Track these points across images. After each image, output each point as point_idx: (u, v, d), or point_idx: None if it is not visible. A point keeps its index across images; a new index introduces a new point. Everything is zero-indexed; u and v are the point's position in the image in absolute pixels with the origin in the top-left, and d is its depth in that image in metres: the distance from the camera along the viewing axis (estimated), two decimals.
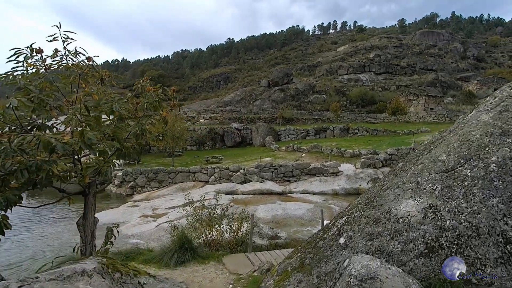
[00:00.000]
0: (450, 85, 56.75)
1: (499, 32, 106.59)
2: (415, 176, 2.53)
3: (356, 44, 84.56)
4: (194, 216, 6.02)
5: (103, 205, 14.89)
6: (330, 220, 10.52)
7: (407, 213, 2.18)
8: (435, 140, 3.25)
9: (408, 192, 2.37)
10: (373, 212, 2.37)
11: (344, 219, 2.64)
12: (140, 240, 9.52)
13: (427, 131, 25.79)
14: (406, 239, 2.00)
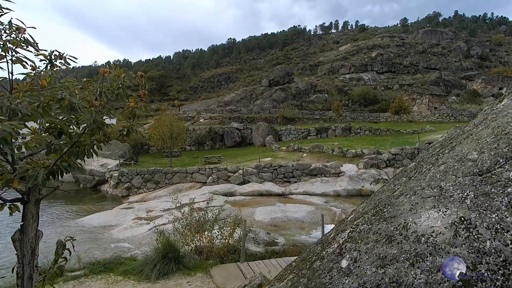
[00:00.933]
0: (454, 84, 55.94)
1: (503, 31, 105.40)
2: (436, 180, 1.98)
3: (358, 43, 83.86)
4: (182, 221, 5.51)
5: (97, 207, 14.46)
6: (331, 223, 9.91)
7: (431, 229, 1.64)
8: (456, 135, 2.70)
9: (430, 200, 1.83)
10: (384, 226, 1.84)
11: (347, 233, 2.10)
12: (130, 245, 9.04)
13: (432, 130, 25.14)
14: (432, 266, 1.46)
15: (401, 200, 2.08)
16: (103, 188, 18.54)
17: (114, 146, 21.32)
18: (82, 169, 19.50)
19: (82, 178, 19.49)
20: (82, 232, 10.03)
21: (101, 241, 9.26)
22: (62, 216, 12.95)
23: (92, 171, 19.09)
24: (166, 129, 19.96)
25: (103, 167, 19.02)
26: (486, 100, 45.76)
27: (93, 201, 16.42)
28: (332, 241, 2.31)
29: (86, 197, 17.45)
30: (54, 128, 2.15)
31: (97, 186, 19.03)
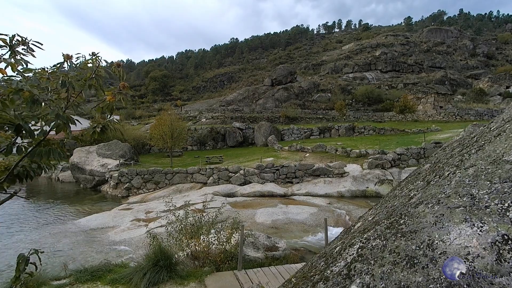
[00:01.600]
0: (459, 83, 55.03)
1: (509, 29, 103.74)
2: (465, 186, 1.63)
3: (361, 42, 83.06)
4: (177, 225, 5.20)
5: (96, 208, 14.25)
6: (335, 225, 9.51)
7: (465, 250, 1.29)
8: (481, 133, 2.34)
9: (459, 212, 1.49)
10: (403, 244, 1.50)
11: (357, 249, 1.76)
12: (128, 247, 8.77)
13: (438, 129, 24.59)
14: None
15: (422, 210, 1.74)
16: (103, 188, 18.34)
17: (115, 146, 21.14)
18: (83, 169, 19.33)
19: (82, 178, 19.32)
20: (79, 234, 9.79)
21: (97, 243, 9.00)
22: (60, 217, 12.74)
23: (92, 171, 18.92)
24: (166, 129, 19.72)
25: (104, 167, 18.84)
26: (493, 99, 44.91)
27: (93, 201, 16.21)
28: (338, 257, 1.97)
29: (86, 198, 17.25)
30: (9, 124, 1.84)
31: (97, 187, 18.84)
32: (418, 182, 2.46)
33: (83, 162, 19.52)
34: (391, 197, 2.78)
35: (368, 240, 1.85)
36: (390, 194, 3.03)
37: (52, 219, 12.14)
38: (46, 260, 7.63)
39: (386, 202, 2.71)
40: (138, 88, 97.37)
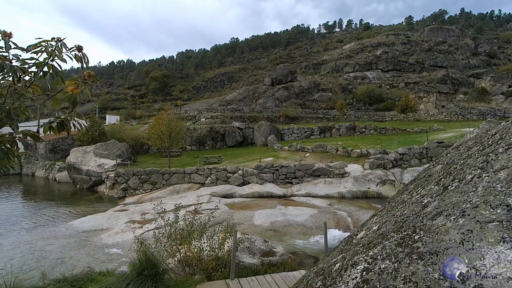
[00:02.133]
0: (461, 82, 54.57)
1: (510, 28, 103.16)
2: (497, 194, 1.30)
3: (362, 42, 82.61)
4: (167, 229, 4.87)
5: (90, 209, 13.94)
6: (336, 227, 9.17)
7: (510, 284, 0.94)
8: (505, 128, 2.01)
9: (493, 228, 1.16)
10: (421, 270, 1.17)
11: (361, 272, 1.44)
12: (120, 251, 8.46)
13: (440, 129, 24.21)
14: None
15: (442, 223, 1.40)
16: (99, 189, 18.05)
17: (112, 145, 20.85)
18: (79, 170, 19.04)
19: (79, 178, 19.03)
20: (71, 237, 9.48)
21: (89, 246, 8.69)
22: (53, 218, 12.44)
23: (88, 171, 18.62)
24: (164, 128, 19.41)
25: (100, 167, 18.54)
26: (495, 98, 44.45)
27: (89, 202, 15.92)
28: (337, 279, 1.63)
29: (82, 199, 16.97)
30: None
31: (94, 187, 18.55)
32: (431, 186, 2.12)
33: (80, 162, 19.23)
34: (399, 203, 2.44)
35: (375, 260, 1.51)
36: (397, 199, 2.69)
37: (45, 220, 11.83)
38: (34, 264, 7.33)
39: (393, 208, 2.37)
40: (138, 88, 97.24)
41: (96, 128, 25.23)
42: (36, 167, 26.30)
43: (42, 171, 24.99)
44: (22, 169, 28.02)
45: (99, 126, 25.82)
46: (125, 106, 76.66)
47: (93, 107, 74.00)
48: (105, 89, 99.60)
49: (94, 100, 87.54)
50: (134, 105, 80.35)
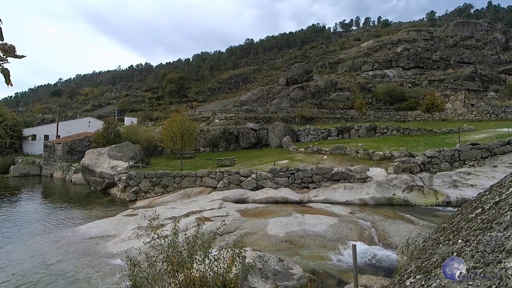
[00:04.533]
0: (491, 79, 50.77)
1: None
2: None
3: (381, 39, 79.54)
4: (158, 249, 4.14)
5: (102, 213, 13.67)
6: (358, 239, 8.16)
7: None
8: None
9: None
10: None
11: None
12: (123, 262, 7.89)
13: (472, 129, 22.21)
14: None
15: None
16: (112, 191, 17.90)
17: (126, 147, 20.75)
18: (93, 171, 19.03)
19: (92, 180, 19.02)
20: (75, 244, 9.08)
21: (92, 255, 8.20)
22: (64, 222, 12.22)
23: (102, 173, 18.55)
24: (176, 130, 19.01)
25: (113, 170, 18.41)
26: None
27: (101, 205, 15.74)
28: None
29: (95, 201, 16.85)
30: None
31: (107, 189, 18.45)
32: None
33: (94, 164, 19.22)
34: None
35: None
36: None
37: (53, 224, 11.61)
38: (30, 277, 6.87)
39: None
40: (156, 90, 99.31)
41: (111, 129, 25.38)
42: (54, 169, 26.89)
43: (60, 172, 25.47)
44: (41, 170, 28.81)
45: (114, 127, 25.98)
46: (143, 108, 78.42)
47: (112, 109, 76.28)
48: (124, 91, 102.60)
49: (113, 102, 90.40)
50: (151, 107, 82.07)
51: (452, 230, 2.49)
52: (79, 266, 7.50)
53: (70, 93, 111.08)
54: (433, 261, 2.02)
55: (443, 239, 2.47)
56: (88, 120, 44.01)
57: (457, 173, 14.12)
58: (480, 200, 2.96)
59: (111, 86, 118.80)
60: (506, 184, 2.71)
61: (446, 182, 13.60)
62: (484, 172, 13.86)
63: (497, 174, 13.39)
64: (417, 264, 2.38)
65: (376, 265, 7.23)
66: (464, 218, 2.60)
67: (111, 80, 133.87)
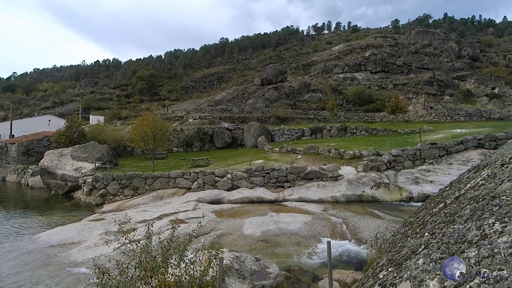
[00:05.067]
0: (446, 84, 55.68)
1: (490, 33, 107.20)
2: None
3: (351, 43, 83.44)
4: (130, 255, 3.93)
5: (64, 219, 12.66)
6: (331, 236, 8.46)
7: None
8: None
9: None
10: None
11: None
12: (89, 270, 7.37)
13: (430, 130, 24.15)
14: None
15: None
16: (76, 195, 16.68)
17: (92, 148, 19.44)
18: (54, 174, 17.57)
19: (53, 183, 17.56)
20: (35, 253, 8.31)
21: (54, 265, 7.57)
22: (20, 229, 11.13)
23: (64, 176, 17.20)
24: (148, 129, 18.22)
25: (77, 171, 17.16)
26: (480, 99, 45.47)
27: (63, 210, 14.58)
28: None
29: (57, 206, 15.58)
30: None
31: (70, 193, 17.14)
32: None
33: (55, 166, 17.76)
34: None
35: None
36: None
37: (8, 232, 10.52)
38: None
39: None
40: (125, 87, 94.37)
41: (75, 129, 23.63)
42: (8, 171, 24.38)
43: (14, 175, 23.15)
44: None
45: (79, 126, 24.23)
46: (111, 106, 74.03)
47: (76, 106, 71.01)
48: (90, 88, 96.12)
49: (77, 100, 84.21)
50: (120, 105, 77.77)
51: (418, 224, 2.64)
52: (38, 277, 6.88)
53: (26, 88, 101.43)
54: (403, 254, 2.13)
55: (411, 233, 2.60)
56: (48, 119, 40.54)
57: (419, 170, 15.25)
58: (442, 195, 3.17)
59: (74, 82, 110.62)
60: (464, 180, 2.92)
61: (409, 179, 14.62)
62: (441, 169, 15.12)
63: (452, 171, 14.69)
64: (388, 257, 2.48)
65: (347, 260, 7.55)
66: (428, 213, 2.76)
67: (74, 76, 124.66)
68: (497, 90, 47.41)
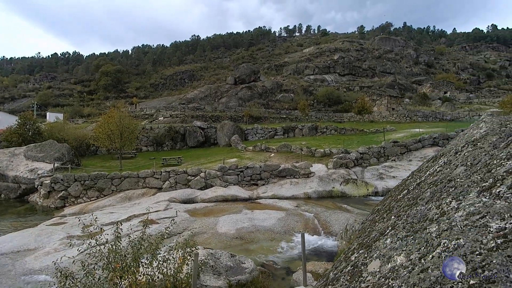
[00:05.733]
0: (406, 87, 60.26)
1: (442, 43, 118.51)
2: None
3: (321, 46, 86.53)
4: (97, 256, 3.70)
5: (18, 224, 11.48)
6: (305, 230, 8.71)
7: None
8: None
9: None
10: None
11: None
12: (49, 277, 6.78)
13: (393, 129, 25.96)
14: None
15: None
16: (31, 198, 15.20)
17: (49, 147, 17.85)
18: (4, 176, 15.83)
19: (3, 186, 15.81)
20: None
21: (6, 275, 6.83)
22: None
23: (17, 177, 15.58)
24: (114, 127, 17.20)
25: (33, 173, 15.65)
26: (434, 102, 49.96)
27: (16, 215, 13.21)
28: None
29: (8, 211, 14.06)
30: None
31: (24, 196, 15.58)
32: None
33: (5, 167, 16.01)
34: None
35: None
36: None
37: None
38: None
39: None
40: (87, 83, 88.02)
41: (30, 126, 21.51)
42: None
43: None
44: None
45: (34, 124, 22.09)
46: (71, 103, 68.55)
47: (30, 103, 64.54)
48: (46, 83, 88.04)
49: (31, 95, 76.65)
50: (81, 102, 72.32)
51: (385, 210, 2.82)
52: None
53: None
54: (372, 237, 2.28)
55: (379, 218, 2.77)
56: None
57: (383, 167, 16.32)
58: (405, 183, 3.42)
59: (27, 76, 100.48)
60: (423, 169, 3.18)
61: (374, 175, 15.59)
62: (402, 165, 16.34)
63: (411, 167, 15.95)
64: (358, 241, 2.62)
65: (319, 252, 7.84)
66: (394, 199, 2.96)
67: (27, 69, 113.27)
68: (448, 94, 52.45)
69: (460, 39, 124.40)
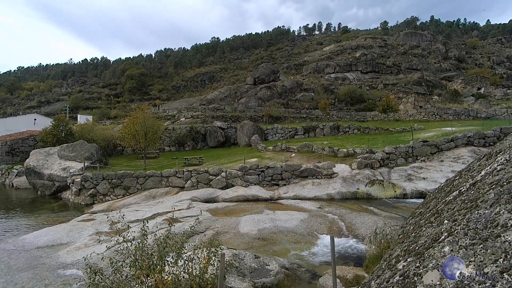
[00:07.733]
0: (434, 84, 56.96)
1: (475, 36, 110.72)
2: None
3: (342, 44, 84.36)
4: (124, 253, 3.71)
5: (52, 220, 12.16)
6: (328, 232, 8.37)
7: None
8: None
9: None
10: None
11: None
12: (80, 272, 7.04)
13: (421, 128, 24.56)
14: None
15: None
16: (64, 195, 16.09)
17: (80, 146, 18.82)
18: (40, 174, 16.90)
19: (40, 184, 16.89)
20: (20, 256, 7.89)
21: (41, 268, 7.19)
22: (4, 232, 10.59)
23: (51, 175, 16.57)
24: (139, 128, 17.78)
25: (65, 171, 16.56)
26: (466, 99, 46.74)
27: (51, 211, 14.03)
28: None
29: (43, 207, 14.97)
30: None
31: (57, 193, 16.53)
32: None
33: (41, 166, 17.09)
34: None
35: None
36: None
37: None
38: None
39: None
40: (114, 86, 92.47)
41: (63, 127, 22.86)
42: None
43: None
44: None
45: (66, 125, 23.45)
46: (99, 106, 72.32)
47: (63, 106, 69.00)
48: (77, 87, 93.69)
49: (64, 99, 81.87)
50: (109, 104, 76.11)
51: (432, 213, 2.53)
52: (23, 281, 6.50)
53: (10, 87, 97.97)
54: (421, 243, 2.01)
55: (424, 222, 2.49)
56: (34, 118, 39.18)
57: (411, 168, 15.42)
58: (452, 184, 3.06)
59: (61, 81, 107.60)
60: (475, 168, 2.83)
61: (402, 176, 14.76)
62: (433, 166, 15.34)
63: (443, 167, 14.93)
64: (402, 248, 2.36)
65: (346, 256, 7.48)
66: (441, 202, 2.65)
67: (61, 74, 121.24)
68: (482, 90, 48.85)
69: (495, 31, 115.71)
